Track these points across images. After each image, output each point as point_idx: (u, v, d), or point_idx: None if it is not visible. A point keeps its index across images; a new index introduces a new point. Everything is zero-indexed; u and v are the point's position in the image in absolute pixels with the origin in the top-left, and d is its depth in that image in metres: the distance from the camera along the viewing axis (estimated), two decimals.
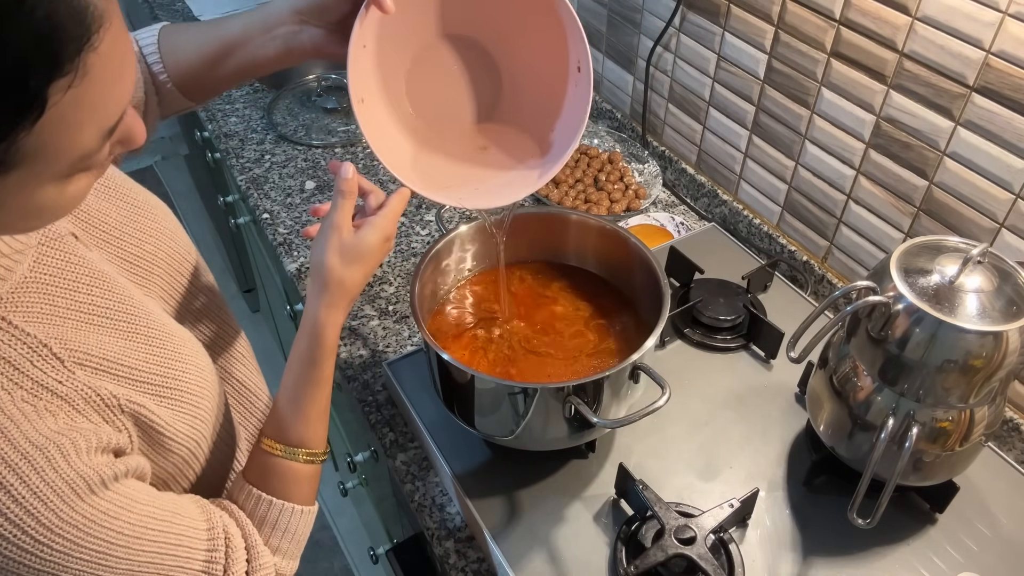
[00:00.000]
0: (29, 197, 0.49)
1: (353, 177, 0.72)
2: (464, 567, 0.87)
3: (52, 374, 0.56)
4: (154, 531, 0.59)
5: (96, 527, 0.54)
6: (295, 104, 1.63)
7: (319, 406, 0.73)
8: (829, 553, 0.83)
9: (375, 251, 0.72)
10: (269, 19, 0.78)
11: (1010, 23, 0.81)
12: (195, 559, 0.62)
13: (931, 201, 0.98)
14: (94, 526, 0.54)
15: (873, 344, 0.76)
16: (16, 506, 0.50)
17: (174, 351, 0.67)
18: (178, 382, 0.66)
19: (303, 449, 0.72)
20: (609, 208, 1.32)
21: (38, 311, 0.57)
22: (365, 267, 0.72)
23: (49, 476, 0.52)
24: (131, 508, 0.57)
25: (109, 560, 0.55)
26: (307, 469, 0.73)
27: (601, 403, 0.81)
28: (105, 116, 0.49)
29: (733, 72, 1.20)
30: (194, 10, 1.96)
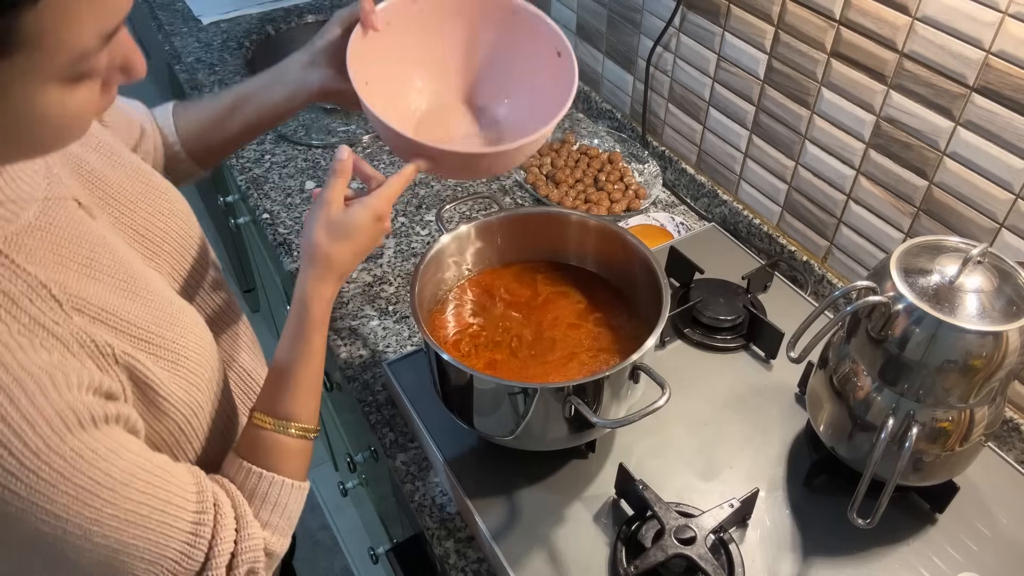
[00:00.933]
0: (32, 97, 0.49)
1: (348, 158, 0.73)
2: (464, 567, 0.87)
3: (49, 314, 0.56)
4: (142, 482, 0.58)
5: (83, 463, 0.54)
6: None
7: (309, 380, 0.74)
8: (829, 553, 0.83)
9: (364, 228, 0.73)
10: (278, 70, 0.87)
11: (1010, 23, 0.81)
12: (182, 520, 0.61)
13: (931, 201, 0.98)
14: (81, 461, 0.54)
15: (873, 344, 0.76)
16: (6, 428, 0.50)
17: (173, 316, 0.67)
18: (175, 344, 0.65)
19: (294, 423, 0.72)
20: (609, 208, 1.32)
21: (40, 256, 0.58)
22: (353, 244, 0.73)
23: (40, 403, 0.52)
24: (120, 455, 0.57)
25: (95, 501, 0.55)
26: (298, 444, 0.73)
27: (601, 403, 0.81)
28: (104, 15, 0.49)
29: (733, 72, 1.20)
30: (194, 10, 1.96)
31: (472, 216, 1.34)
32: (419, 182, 1.42)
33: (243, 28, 1.89)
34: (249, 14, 1.94)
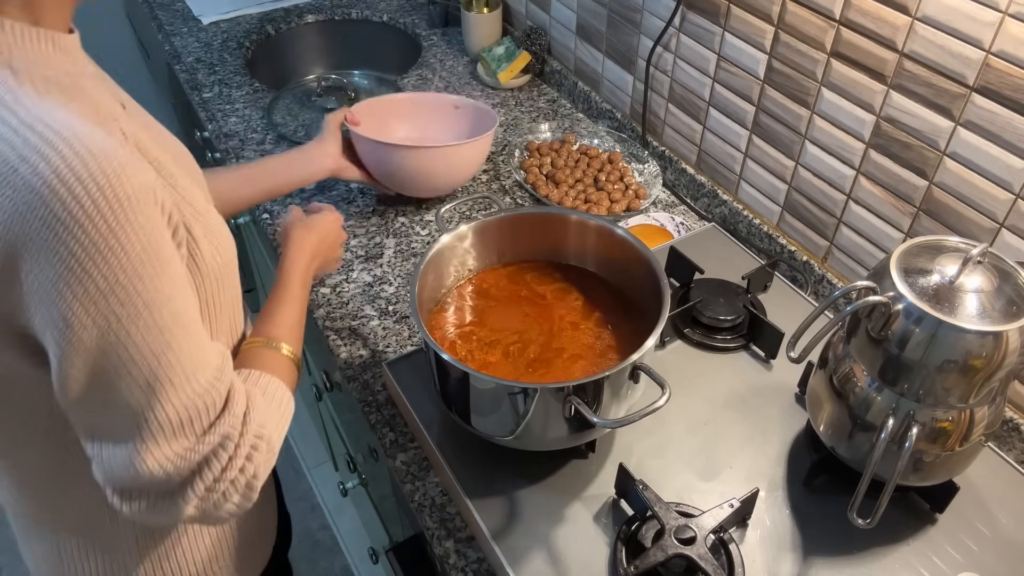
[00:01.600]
0: None
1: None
2: (464, 567, 0.87)
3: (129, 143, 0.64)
4: (186, 320, 0.63)
5: (149, 256, 0.58)
6: (295, 104, 1.63)
7: (290, 318, 0.86)
8: (829, 553, 0.83)
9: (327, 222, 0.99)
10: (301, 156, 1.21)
11: (1010, 23, 0.81)
12: (209, 367, 0.65)
13: (931, 201, 0.98)
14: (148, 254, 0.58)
15: (873, 344, 0.76)
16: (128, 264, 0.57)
17: (208, 208, 0.74)
18: (211, 220, 0.73)
19: (283, 343, 0.82)
20: (609, 208, 1.32)
21: (106, 97, 0.66)
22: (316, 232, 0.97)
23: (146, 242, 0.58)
24: (177, 285, 0.62)
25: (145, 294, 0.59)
26: (286, 360, 0.81)
27: (601, 403, 0.81)
28: None
29: (733, 72, 1.20)
30: (194, 10, 1.96)
31: (472, 216, 1.34)
32: None
33: (243, 28, 1.89)
34: (249, 14, 1.94)
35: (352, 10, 1.96)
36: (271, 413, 0.72)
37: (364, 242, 1.29)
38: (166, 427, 0.62)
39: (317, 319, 1.16)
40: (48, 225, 0.54)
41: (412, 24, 1.93)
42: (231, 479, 0.66)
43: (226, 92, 1.67)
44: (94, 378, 0.60)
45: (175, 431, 0.62)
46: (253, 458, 0.67)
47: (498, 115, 1.35)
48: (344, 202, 1.37)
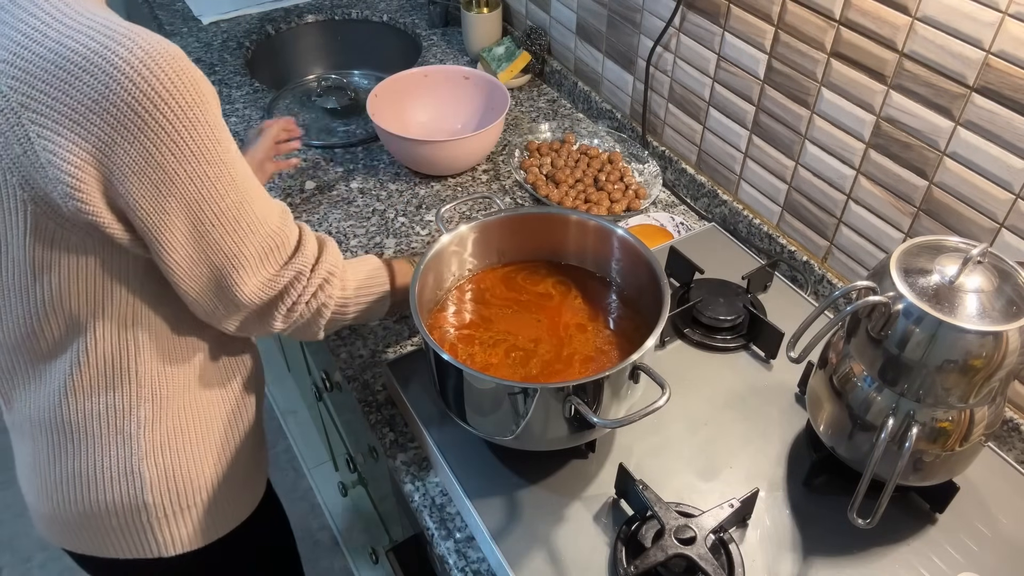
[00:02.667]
0: None
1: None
2: (464, 567, 0.87)
3: None
4: (251, 176, 0.76)
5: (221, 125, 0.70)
6: (295, 104, 1.63)
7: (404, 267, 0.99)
8: (829, 553, 0.83)
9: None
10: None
11: (1010, 23, 0.81)
12: (273, 216, 0.79)
13: (931, 201, 0.98)
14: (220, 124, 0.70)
15: (873, 344, 0.76)
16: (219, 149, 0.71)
17: None
18: None
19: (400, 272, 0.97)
20: (609, 208, 1.32)
21: None
22: None
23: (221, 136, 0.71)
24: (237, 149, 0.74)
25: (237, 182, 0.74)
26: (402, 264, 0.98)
27: (601, 403, 0.81)
28: None
29: (733, 72, 1.20)
30: (194, 10, 1.96)
31: (472, 216, 1.34)
32: (419, 182, 1.42)
33: (243, 28, 1.89)
34: (249, 14, 1.94)
35: (352, 10, 1.96)
36: (350, 266, 0.90)
37: (364, 242, 1.29)
38: (253, 260, 0.77)
39: None
40: (140, 103, 0.64)
41: (412, 24, 1.93)
42: (305, 301, 0.83)
43: (226, 92, 1.67)
44: (190, 230, 0.72)
45: (260, 263, 0.77)
46: (325, 288, 0.84)
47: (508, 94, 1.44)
48: (344, 202, 1.37)
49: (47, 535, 0.94)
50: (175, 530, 0.92)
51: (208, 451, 0.92)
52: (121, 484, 0.87)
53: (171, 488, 0.89)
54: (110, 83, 0.63)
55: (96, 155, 0.65)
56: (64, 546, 0.94)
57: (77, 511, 0.88)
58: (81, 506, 0.87)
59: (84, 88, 0.63)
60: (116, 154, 0.65)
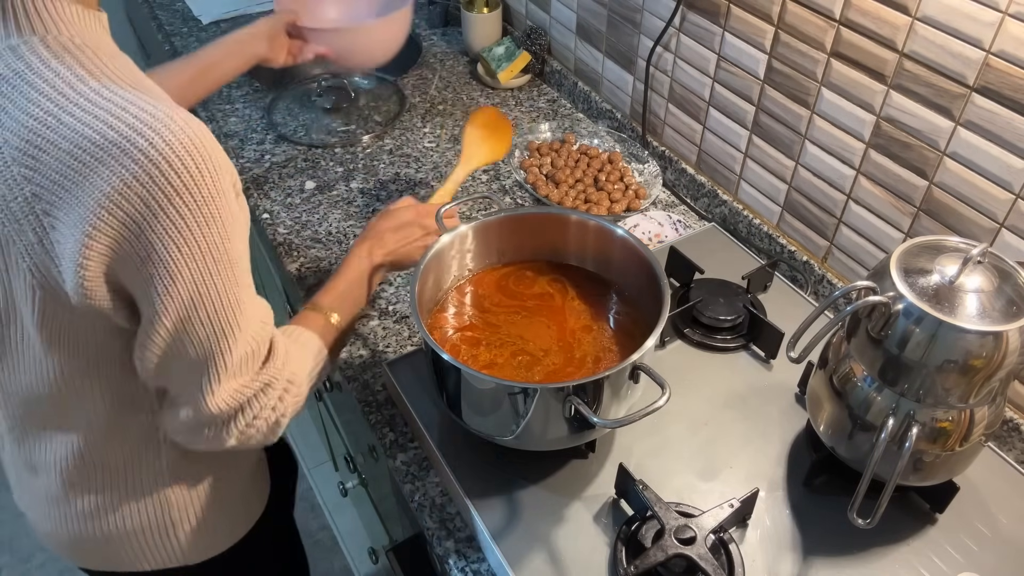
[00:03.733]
0: None
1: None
2: (464, 567, 0.87)
3: None
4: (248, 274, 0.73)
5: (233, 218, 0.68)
6: (295, 104, 1.63)
7: (338, 287, 0.93)
8: (829, 553, 0.83)
9: (401, 211, 1.00)
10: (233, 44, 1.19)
11: (1010, 23, 0.81)
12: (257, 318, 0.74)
13: (931, 201, 0.98)
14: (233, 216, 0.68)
15: (873, 344, 0.76)
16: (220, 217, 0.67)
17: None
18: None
19: (325, 307, 0.91)
20: (609, 208, 1.32)
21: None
22: (389, 219, 0.99)
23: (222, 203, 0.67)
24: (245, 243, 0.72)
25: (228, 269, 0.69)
26: (323, 318, 0.90)
27: (601, 403, 0.81)
28: None
29: (733, 72, 1.20)
30: (194, 10, 1.96)
31: (472, 216, 1.34)
32: (419, 182, 1.42)
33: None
34: (249, 14, 1.94)
35: None
36: (302, 361, 0.82)
37: None
38: (231, 367, 0.72)
39: None
40: (155, 198, 0.62)
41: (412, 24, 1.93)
42: (264, 416, 0.77)
43: (226, 92, 1.67)
44: (181, 325, 0.68)
45: (237, 370, 0.73)
46: (284, 399, 0.78)
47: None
48: (344, 202, 1.37)
49: (65, 556, 0.94)
50: (200, 539, 0.94)
51: (224, 465, 0.93)
52: (146, 508, 0.88)
53: (194, 504, 0.91)
54: (126, 177, 0.61)
55: (105, 249, 0.63)
56: (84, 566, 0.94)
57: (100, 537, 0.89)
58: (105, 532, 0.88)
59: (99, 182, 0.61)
60: (123, 247, 0.63)
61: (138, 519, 0.89)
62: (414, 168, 1.45)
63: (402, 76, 1.74)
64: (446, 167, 1.45)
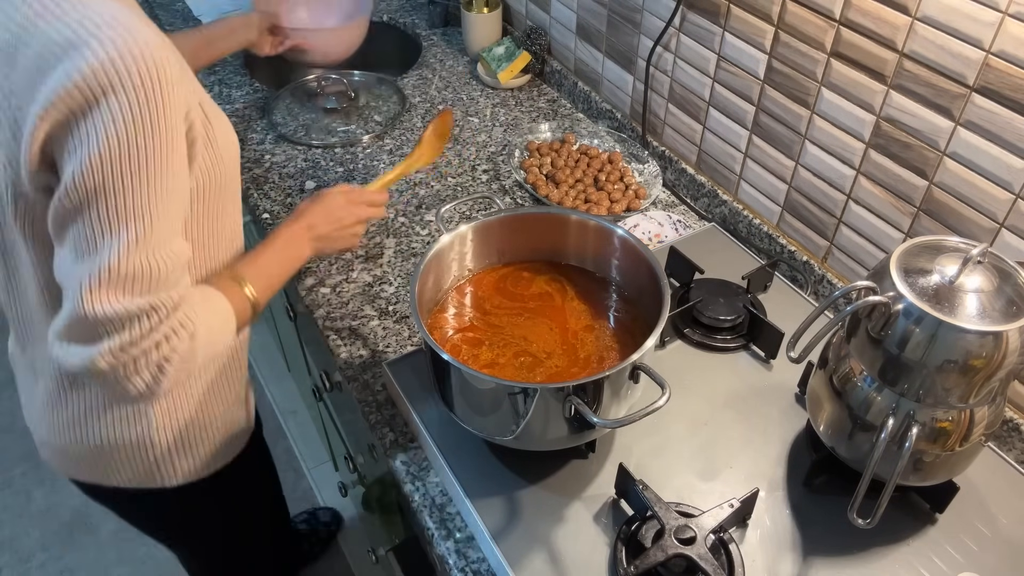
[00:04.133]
0: None
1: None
2: (464, 567, 0.87)
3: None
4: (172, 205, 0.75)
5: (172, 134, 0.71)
6: (295, 104, 1.63)
7: (260, 261, 0.94)
8: (829, 553, 0.83)
9: (334, 195, 1.04)
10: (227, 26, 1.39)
11: (1010, 23, 0.81)
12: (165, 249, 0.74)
13: (931, 201, 0.98)
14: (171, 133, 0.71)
15: (873, 344, 0.76)
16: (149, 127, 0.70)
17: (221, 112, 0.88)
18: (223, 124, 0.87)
19: (244, 279, 0.90)
20: (609, 208, 1.32)
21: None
22: (321, 203, 1.03)
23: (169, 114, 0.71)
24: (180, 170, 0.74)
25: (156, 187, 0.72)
26: (239, 291, 0.89)
27: (601, 403, 0.81)
28: None
29: (733, 72, 1.20)
30: (194, 10, 1.96)
31: (472, 216, 1.34)
32: (419, 182, 1.42)
33: None
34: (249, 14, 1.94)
35: None
36: (205, 314, 0.80)
37: (364, 242, 1.29)
38: (121, 272, 0.71)
39: (317, 319, 1.16)
40: (102, 87, 0.67)
41: (412, 24, 1.93)
42: (144, 348, 0.73)
43: (226, 92, 1.67)
44: (84, 207, 0.70)
45: (127, 282, 0.72)
46: (171, 340, 0.74)
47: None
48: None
49: (57, 467, 1.02)
50: (179, 464, 1.00)
51: (207, 393, 0.99)
52: (131, 423, 0.94)
53: (176, 426, 0.97)
54: (75, 70, 0.67)
55: (49, 127, 0.69)
56: (73, 476, 1.02)
57: (87, 446, 0.95)
58: (92, 441, 0.95)
59: (56, 75, 0.67)
60: (62, 129, 0.69)
61: (119, 431, 0.94)
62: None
63: (402, 76, 1.74)
64: (446, 167, 1.45)
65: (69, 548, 2.01)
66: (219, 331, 0.83)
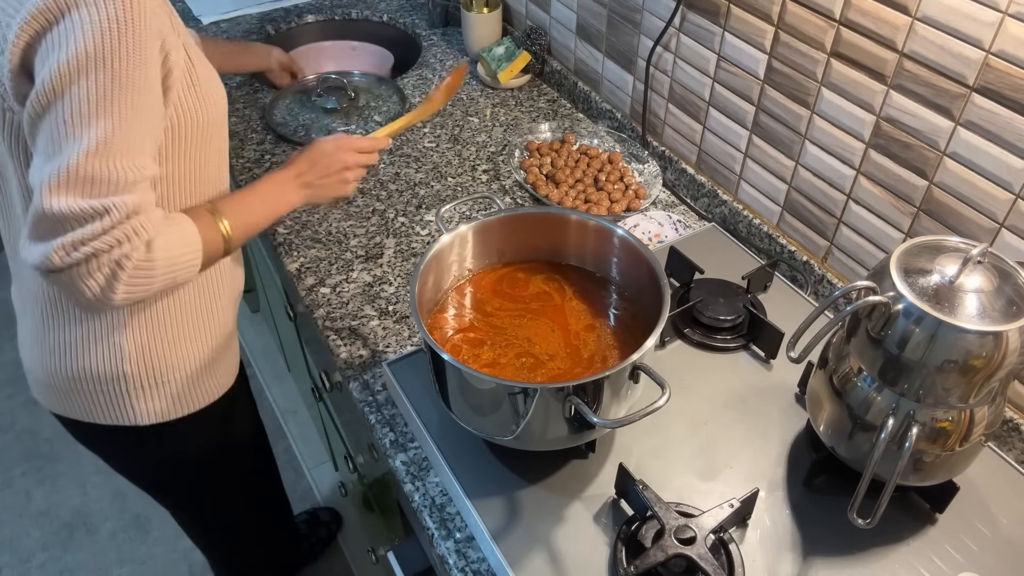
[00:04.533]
0: None
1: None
2: (464, 567, 0.87)
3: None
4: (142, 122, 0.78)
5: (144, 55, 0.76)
6: (295, 104, 1.63)
7: (243, 199, 0.96)
8: (829, 553, 0.83)
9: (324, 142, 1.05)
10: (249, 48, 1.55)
11: (1010, 23, 0.81)
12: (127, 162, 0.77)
13: (931, 201, 0.98)
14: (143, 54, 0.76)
15: (873, 344, 0.76)
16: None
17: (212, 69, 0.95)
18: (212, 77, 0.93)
19: (221, 212, 0.92)
20: (609, 208, 1.32)
21: None
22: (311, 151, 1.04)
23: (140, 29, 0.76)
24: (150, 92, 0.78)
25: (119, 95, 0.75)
26: (213, 222, 0.90)
27: (601, 403, 0.81)
28: None
29: (733, 72, 1.20)
30: (194, 10, 1.96)
31: (472, 216, 1.34)
32: (419, 182, 1.42)
33: (243, 28, 1.89)
34: (249, 14, 1.94)
35: (352, 10, 1.96)
36: (166, 229, 0.82)
37: (364, 242, 1.29)
38: (81, 174, 0.74)
39: (317, 319, 1.16)
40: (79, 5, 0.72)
41: (412, 24, 1.93)
42: (96, 248, 0.75)
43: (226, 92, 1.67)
44: (50, 107, 0.74)
45: (87, 184, 0.75)
46: (123, 245, 0.77)
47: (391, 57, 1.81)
48: (344, 202, 1.37)
49: (42, 400, 1.06)
50: (150, 402, 1.04)
51: (184, 332, 1.02)
52: (103, 353, 0.97)
53: (147, 362, 1.00)
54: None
55: (28, 38, 0.74)
56: (54, 410, 1.06)
57: (65, 376, 0.99)
58: (70, 372, 0.99)
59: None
60: (40, 38, 0.74)
61: (94, 363, 0.98)
62: (414, 168, 1.45)
63: (402, 76, 1.74)
64: (446, 167, 1.45)
65: (69, 548, 2.01)
66: (180, 250, 0.84)
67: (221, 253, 0.92)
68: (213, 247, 0.90)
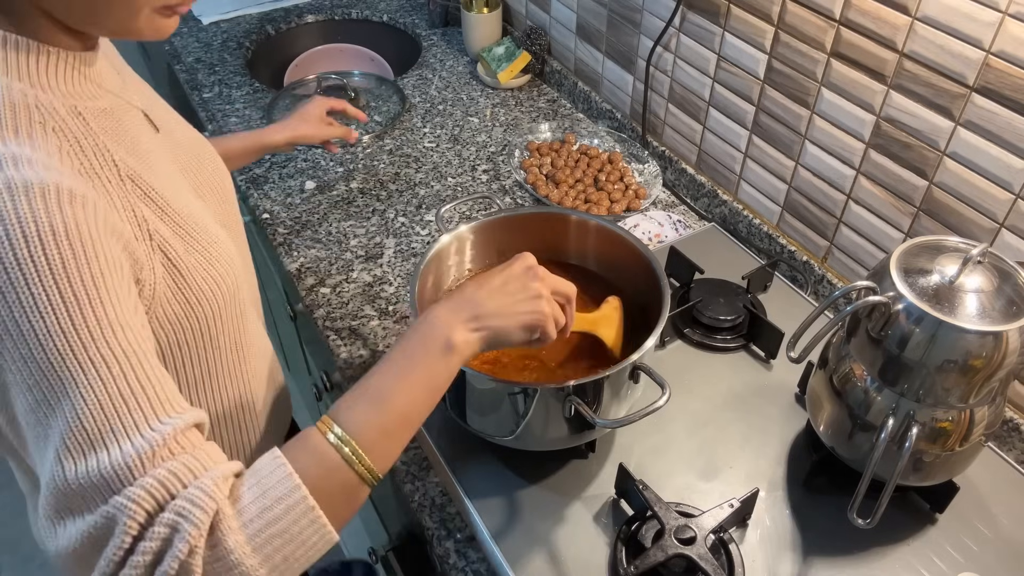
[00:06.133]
0: None
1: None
2: (464, 567, 0.87)
3: (106, 171, 0.62)
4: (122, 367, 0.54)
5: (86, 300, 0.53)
6: (295, 104, 1.63)
7: (370, 391, 0.63)
8: (829, 553, 0.83)
9: (512, 272, 0.70)
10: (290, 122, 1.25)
11: (1010, 23, 0.81)
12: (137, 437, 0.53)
13: (931, 201, 0.98)
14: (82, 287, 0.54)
15: (873, 344, 0.76)
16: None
17: (209, 227, 0.73)
18: (210, 246, 0.71)
19: (355, 443, 0.59)
20: (609, 208, 1.32)
21: (109, 133, 0.65)
22: (490, 285, 0.69)
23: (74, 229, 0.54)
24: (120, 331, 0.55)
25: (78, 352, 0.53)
26: (346, 473, 0.59)
27: (601, 403, 0.81)
28: None
29: (733, 72, 1.20)
30: (194, 10, 1.96)
31: (472, 216, 1.34)
32: (419, 182, 1.42)
33: (243, 28, 1.89)
34: (249, 14, 1.94)
35: (352, 10, 1.96)
36: (271, 542, 0.54)
37: (364, 242, 1.29)
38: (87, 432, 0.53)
39: (317, 319, 1.16)
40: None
41: (412, 24, 1.93)
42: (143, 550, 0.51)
43: (226, 92, 1.67)
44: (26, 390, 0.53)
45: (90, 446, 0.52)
46: (172, 546, 0.50)
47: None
48: (344, 202, 1.37)
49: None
50: None
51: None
52: None
53: None
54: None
55: None
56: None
57: None
58: None
59: None
60: None
61: None
62: (414, 168, 1.45)
63: (402, 76, 1.74)
64: (446, 167, 1.45)
65: None
66: (268, 516, 0.55)
67: (355, 482, 0.60)
68: (327, 479, 0.58)
